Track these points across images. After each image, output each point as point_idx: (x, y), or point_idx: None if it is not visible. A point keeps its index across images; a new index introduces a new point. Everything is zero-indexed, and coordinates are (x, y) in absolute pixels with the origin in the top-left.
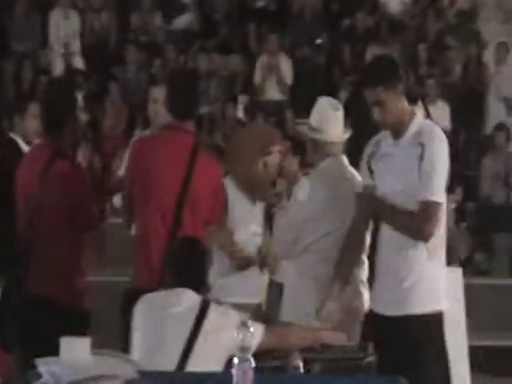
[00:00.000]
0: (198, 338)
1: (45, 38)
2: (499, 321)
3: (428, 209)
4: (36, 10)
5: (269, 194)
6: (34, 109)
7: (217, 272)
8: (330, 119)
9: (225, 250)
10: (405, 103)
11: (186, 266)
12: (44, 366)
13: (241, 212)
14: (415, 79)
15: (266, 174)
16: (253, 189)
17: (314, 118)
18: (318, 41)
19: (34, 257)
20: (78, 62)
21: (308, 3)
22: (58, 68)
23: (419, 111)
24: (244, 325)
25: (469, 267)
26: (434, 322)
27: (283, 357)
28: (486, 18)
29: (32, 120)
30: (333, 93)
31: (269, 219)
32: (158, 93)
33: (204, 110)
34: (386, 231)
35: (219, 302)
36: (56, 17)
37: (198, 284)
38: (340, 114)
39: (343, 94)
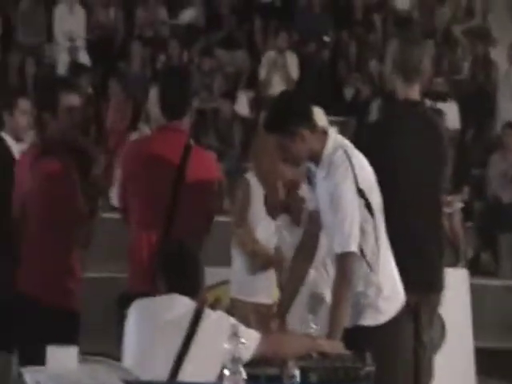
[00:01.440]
0: (191, 346)
1: (50, 32)
2: (506, 321)
3: (342, 264)
4: (41, 3)
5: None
6: (23, 104)
7: (237, 270)
8: None
9: (245, 248)
10: (312, 139)
11: (179, 271)
12: (29, 374)
13: (261, 207)
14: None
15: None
16: (273, 186)
17: None
18: (326, 38)
19: (23, 255)
20: (83, 57)
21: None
22: (63, 62)
23: (331, 131)
24: (235, 335)
25: (475, 267)
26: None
27: (279, 365)
28: (496, 15)
29: (21, 116)
30: (338, 89)
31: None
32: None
33: (208, 105)
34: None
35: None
36: (61, 11)
37: (192, 289)
38: None
39: (349, 91)
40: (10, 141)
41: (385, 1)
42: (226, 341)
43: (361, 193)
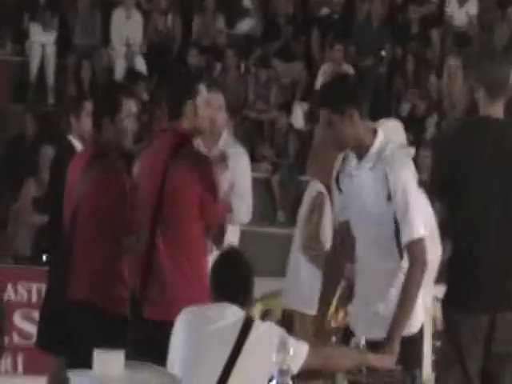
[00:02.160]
0: (240, 356)
1: (106, 35)
2: None
3: (414, 251)
4: (98, 6)
5: None
6: (89, 107)
7: (302, 283)
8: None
9: (318, 261)
10: (360, 125)
11: (230, 280)
12: (76, 378)
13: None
14: None
15: None
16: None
17: None
18: (383, 52)
19: (74, 260)
20: (140, 63)
21: (374, 12)
22: (120, 67)
23: (380, 129)
24: (284, 346)
25: None
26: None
27: (328, 378)
28: None
29: (87, 118)
30: (395, 103)
31: None
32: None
33: (265, 116)
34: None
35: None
36: (118, 15)
37: (242, 298)
38: None
39: (405, 106)
40: (76, 144)
41: (442, 16)
42: (275, 352)
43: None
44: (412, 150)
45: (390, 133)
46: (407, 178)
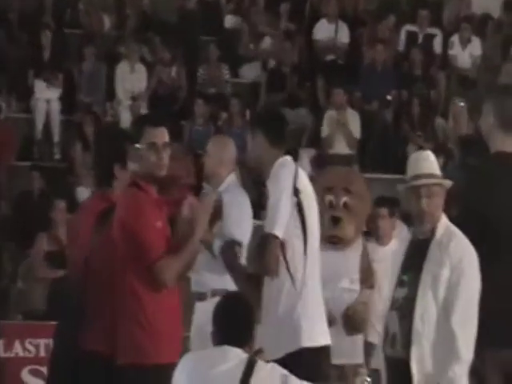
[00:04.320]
0: None
1: (111, 90)
2: None
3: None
4: (103, 62)
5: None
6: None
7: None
8: None
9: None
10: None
11: (231, 323)
12: None
13: (329, 264)
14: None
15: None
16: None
17: None
18: (389, 97)
19: (87, 309)
20: None
21: (379, 57)
22: (125, 120)
23: None
24: None
25: None
26: None
27: None
28: None
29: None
30: (401, 148)
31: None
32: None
33: None
34: None
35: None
36: (122, 69)
37: (244, 340)
38: None
39: (412, 149)
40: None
41: (446, 58)
42: None
43: None
44: None
45: None
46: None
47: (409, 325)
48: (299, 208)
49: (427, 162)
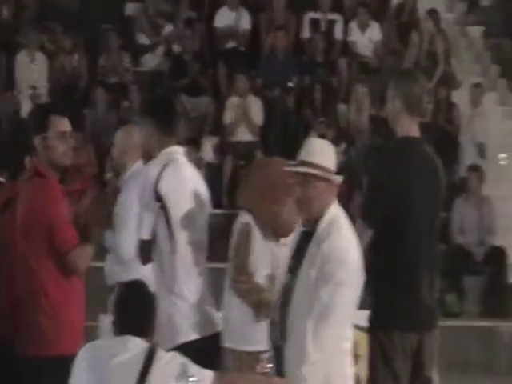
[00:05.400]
0: None
1: (11, 80)
2: (470, 362)
3: None
4: (2, 52)
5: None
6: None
7: (237, 319)
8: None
9: (248, 298)
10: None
11: (131, 312)
12: None
13: (262, 253)
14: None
15: (292, 211)
16: (278, 227)
17: None
18: (290, 84)
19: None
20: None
21: (279, 44)
22: (27, 110)
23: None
24: (184, 373)
25: (440, 309)
26: None
27: None
28: (458, 58)
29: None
30: (304, 134)
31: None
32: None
33: None
34: None
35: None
36: (22, 59)
37: (144, 330)
38: None
39: (314, 136)
40: None
41: (346, 44)
42: (174, 379)
43: None
44: None
45: None
46: None
47: (283, 317)
48: (164, 210)
49: (310, 150)
